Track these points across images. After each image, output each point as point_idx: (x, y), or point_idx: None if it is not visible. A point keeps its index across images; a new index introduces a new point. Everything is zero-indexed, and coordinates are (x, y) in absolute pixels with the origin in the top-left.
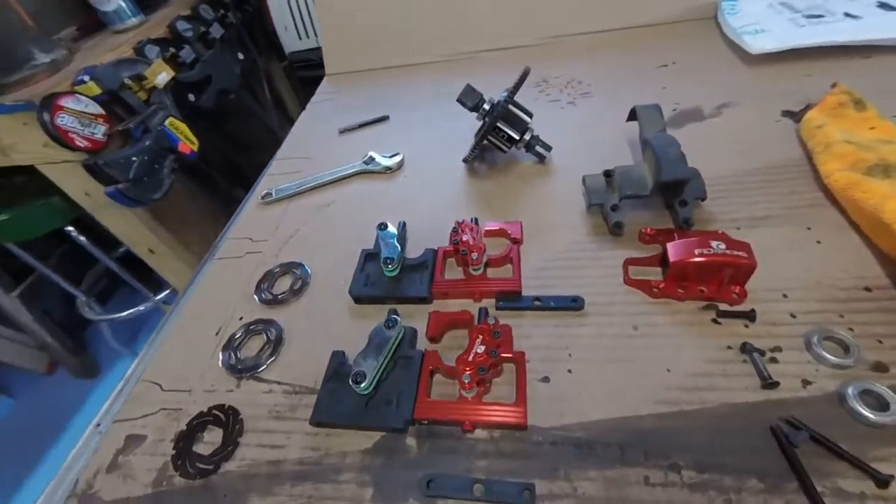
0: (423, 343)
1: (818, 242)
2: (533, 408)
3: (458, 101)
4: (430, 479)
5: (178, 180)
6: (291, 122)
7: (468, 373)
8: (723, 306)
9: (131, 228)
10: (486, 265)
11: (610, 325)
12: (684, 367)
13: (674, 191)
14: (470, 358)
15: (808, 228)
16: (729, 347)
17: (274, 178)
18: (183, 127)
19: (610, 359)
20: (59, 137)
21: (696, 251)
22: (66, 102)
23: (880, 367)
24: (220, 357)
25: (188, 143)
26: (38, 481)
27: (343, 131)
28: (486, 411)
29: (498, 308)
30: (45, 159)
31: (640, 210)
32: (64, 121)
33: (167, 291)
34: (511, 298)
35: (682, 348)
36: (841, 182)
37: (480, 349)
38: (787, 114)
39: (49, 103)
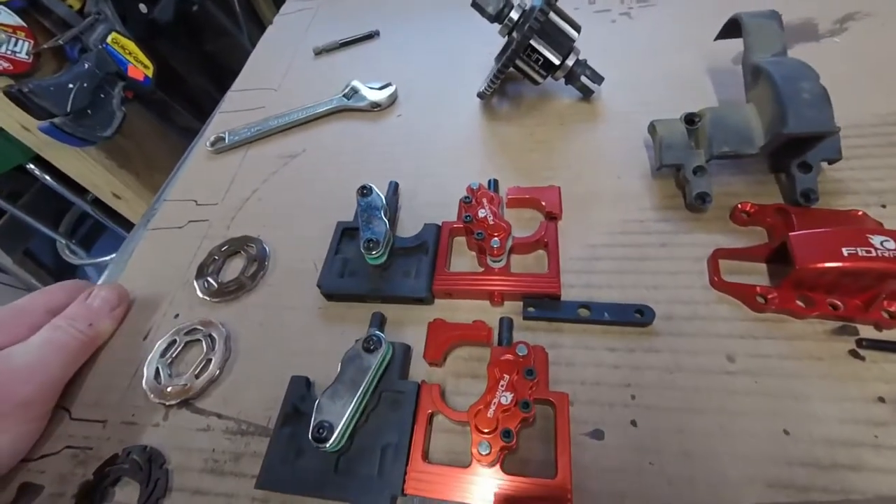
0: (419, 363)
1: None
2: (580, 481)
3: (474, 5)
4: None
5: (136, 113)
6: None
7: (486, 440)
8: (866, 330)
9: (88, 170)
10: (511, 252)
11: (693, 353)
12: (812, 429)
13: (797, 149)
14: (490, 412)
15: None
16: (881, 400)
17: (229, 117)
18: (131, 46)
19: (695, 407)
20: None
21: (846, 251)
22: None
23: None
24: (146, 374)
25: (140, 66)
26: None
27: (319, 52)
28: (511, 490)
29: (526, 317)
30: None
31: (729, 174)
32: None
33: None
34: (546, 305)
35: (807, 397)
36: None
37: (506, 398)
38: None
39: None
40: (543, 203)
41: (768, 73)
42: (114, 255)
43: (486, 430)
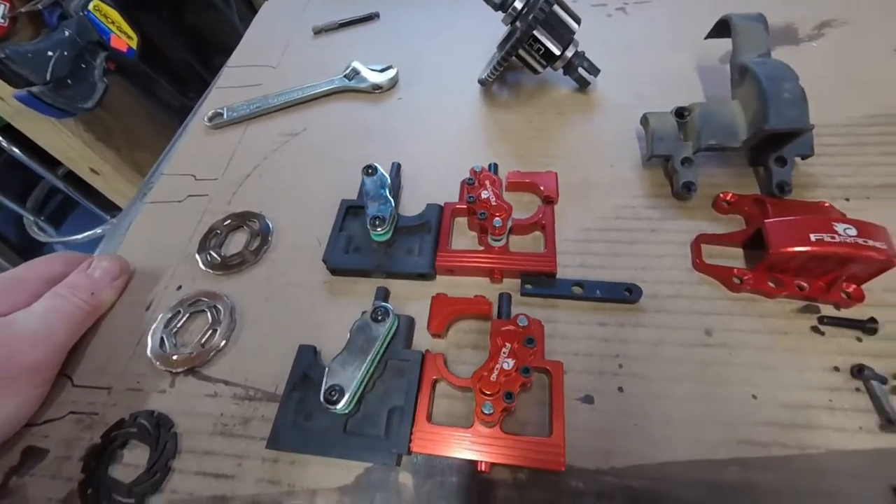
0: (422, 335)
1: None
2: (572, 440)
3: None
4: None
5: (118, 86)
6: None
7: (490, 401)
8: (827, 309)
9: (65, 143)
10: (510, 233)
11: (675, 328)
12: (777, 394)
13: (775, 144)
14: (493, 377)
15: None
16: (836, 369)
17: (225, 93)
18: (115, 15)
19: (676, 376)
20: None
21: (813, 237)
22: None
23: None
24: (150, 343)
25: (123, 37)
26: None
27: (319, 32)
28: (509, 448)
29: (523, 293)
30: None
31: (713, 166)
32: None
33: None
34: (542, 282)
35: (772, 367)
36: None
37: (508, 364)
38: None
39: None
40: (541, 187)
41: (754, 72)
42: (88, 233)
43: (489, 393)
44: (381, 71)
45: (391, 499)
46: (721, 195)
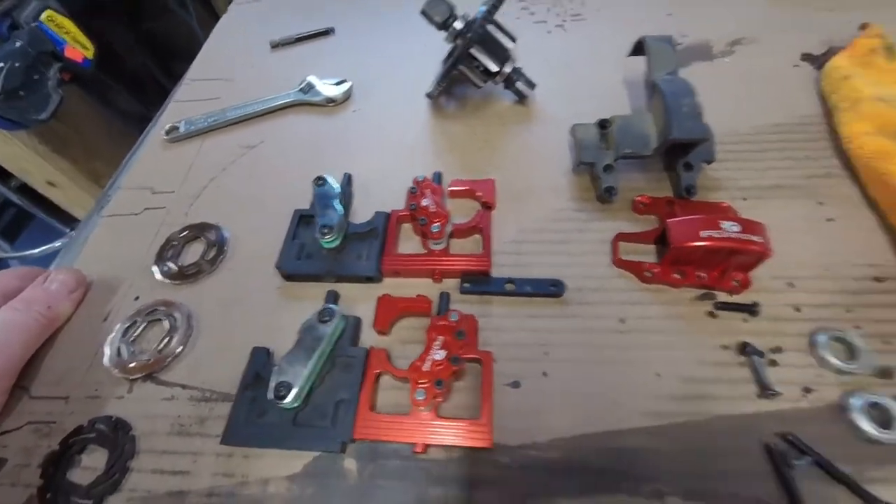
0: (369, 333)
1: (830, 220)
2: (500, 421)
3: (423, 13)
4: None
5: (74, 96)
6: None
7: (422, 388)
8: (721, 296)
9: (18, 155)
10: (451, 236)
11: (594, 318)
12: (676, 371)
13: (681, 151)
14: (425, 367)
15: (821, 203)
16: (725, 347)
17: (183, 106)
18: (69, 24)
19: (593, 359)
20: None
21: (703, 233)
22: None
23: (886, 374)
24: (107, 352)
25: (78, 47)
26: None
27: (276, 45)
28: (442, 430)
29: (462, 291)
30: None
31: (634, 171)
32: None
33: None
34: (479, 280)
35: (674, 347)
36: (867, 149)
37: (440, 355)
38: (808, 58)
39: None
40: (479, 194)
41: (661, 89)
42: (45, 247)
43: (422, 381)
44: (336, 84)
45: (336, 483)
46: (638, 198)
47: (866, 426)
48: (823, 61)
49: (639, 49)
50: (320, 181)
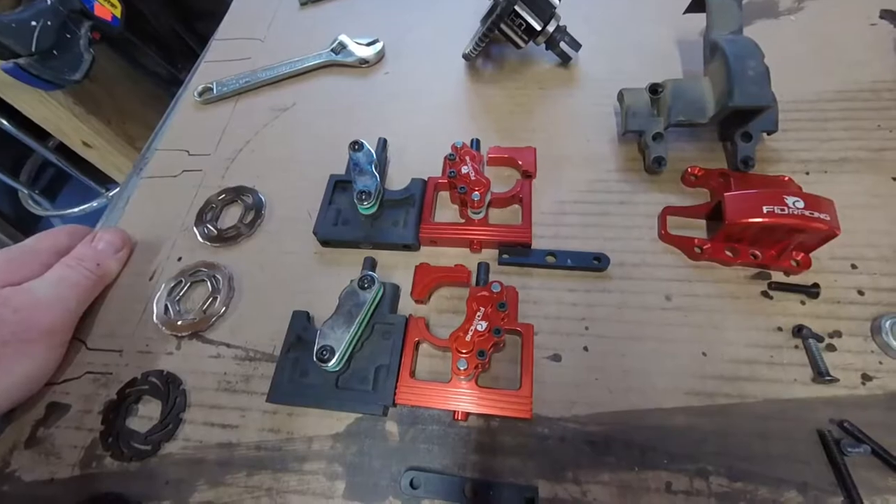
0: (406, 301)
1: None
2: (540, 393)
3: None
4: (413, 477)
5: (105, 57)
6: None
7: (464, 358)
8: (777, 275)
9: (55, 115)
10: (489, 206)
11: (638, 293)
12: (724, 352)
13: (741, 120)
14: (468, 337)
15: (894, 179)
16: (779, 329)
17: (213, 67)
18: None
19: (635, 336)
20: None
21: (765, 209)
22: None
23: None
24: (155, 310)
25: (107, 5)
26: None
27: (305, 3)
28: (482, 400)
29: (501, 263)
30: None
31: (684, 141)
32: None
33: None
34: (518, 252)
35: (723, 328)
36: None
37: (481, 326)
38: (888, 15)
39: None
40: (520, 162)
41: (723, 49)
42: (84, 206)
43: (464, 351)
44: (368, 45)
45: (378, 444)
46: (689, 169)
47: None
48: None
49: (697, 5)
50: (357, 146)
